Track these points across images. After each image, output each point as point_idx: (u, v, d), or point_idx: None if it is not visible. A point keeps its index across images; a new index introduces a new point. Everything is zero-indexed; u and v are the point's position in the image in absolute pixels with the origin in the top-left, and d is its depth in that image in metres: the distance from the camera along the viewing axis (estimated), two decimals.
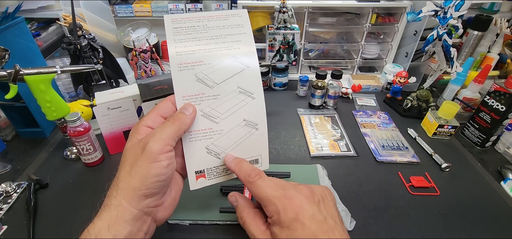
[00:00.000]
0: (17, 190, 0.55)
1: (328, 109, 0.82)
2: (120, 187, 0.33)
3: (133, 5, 1.07)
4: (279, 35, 0.85)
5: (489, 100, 0.66)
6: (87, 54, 0.69)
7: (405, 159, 0.64)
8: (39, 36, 0.86)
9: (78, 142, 0.56)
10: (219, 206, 0.49)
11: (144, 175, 0.33)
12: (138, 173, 0.33)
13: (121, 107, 0.60)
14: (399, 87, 0.82)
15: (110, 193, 0.34)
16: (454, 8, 0.66)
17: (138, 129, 0.36)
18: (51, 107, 0.56)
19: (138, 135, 0.36)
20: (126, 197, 0.33)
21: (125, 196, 0.33)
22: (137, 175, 0.33)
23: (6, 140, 0.69)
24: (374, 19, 0.89)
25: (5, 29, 0.60)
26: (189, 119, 0.37)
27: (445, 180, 0.59)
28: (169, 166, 0.35)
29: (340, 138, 0.70)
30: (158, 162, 0.33)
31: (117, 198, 0.33)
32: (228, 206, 0.49)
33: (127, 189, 0.33)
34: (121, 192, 0.33)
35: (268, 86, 0.92)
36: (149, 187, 0.33)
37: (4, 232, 0.48)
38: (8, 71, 0.51)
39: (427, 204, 0.54)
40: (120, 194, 0.33)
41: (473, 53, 0.93)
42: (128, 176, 0.33)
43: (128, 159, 0.34)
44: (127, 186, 0.33)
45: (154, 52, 0.84)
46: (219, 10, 1.08)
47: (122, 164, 0.35)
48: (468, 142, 0.71)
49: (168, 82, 0.65)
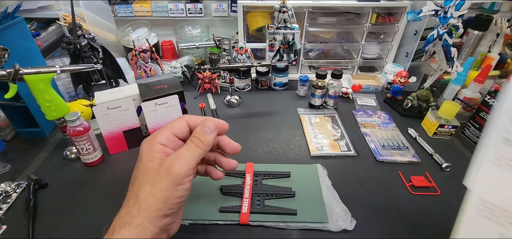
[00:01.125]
0: (17, 190, 0.55)
1: (328, 109, 0.82)
2: (142, 207, 0.34)
3: (133, 5, 1.07)
4: (279, 35, 0.85)
5: (489, 100, 0.65)
6: (87, 54, 0.69)
7: (406, 158, 0.63)
8: (38, 36, 0.86)
9: (77, 142, 0.56)
10: (219, 206, 0.49)
11: (167, 197, 0.34)
12: (162, 195, 0.34)
13: (121, 107, 0.60)
14: (400, 87, 0.82)
15: (130, 211, 0.34)
16: (455, 7, 0.65)
17: (153, 147, 0.37)
18: (50, 107, 0.56)
19: (156, 153, 0.36)
20: (148, 216, 0.33)
21: (147, 216, 0.33)
22: (161, 197, 0.34)
23: (5, 140, 0.69)
24: (374, 19, 0.89)
25: (4, 29, 0.60)
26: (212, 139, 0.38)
27: (446, 180, 0.59)
28: (190, 187, 0.36)
29: (340, 137, 0.70)
30: (182, 185, 0.35)
31: (139, 217, 0.33)
32: (228, 206, 0.49)
33: (150, 210, 0.34)
34: (143, 212, 0.33)
35: (268, 86, 0.92)
36: (171, 208, 0.35)
37: (4, 232, 0.48)
38: (7, 71, 0.51)
39: (427, 204, 0.54)
40: (141, 213, 0.33)
41: (473, 53, 0.93)
42: (150, 196, 0.34)
43: (150, 179, 0.35)
44: (150, 206, 0.34)
45: (154, 52, 0.84)
46: (219, 9, 1.08)
47: (141, 182, 0.35)
48: (469, 142, 0.71)
49: (168, 82, 0.65)
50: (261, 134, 0.71)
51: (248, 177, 0.54)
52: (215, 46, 0.95)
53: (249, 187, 0.52)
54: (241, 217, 0.48)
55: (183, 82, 0.95)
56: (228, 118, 0.77)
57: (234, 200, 0.51)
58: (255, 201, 0.50)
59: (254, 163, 0.59)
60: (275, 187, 0.54)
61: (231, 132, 0.70)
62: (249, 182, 0.53)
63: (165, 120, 0.63)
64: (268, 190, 0.53)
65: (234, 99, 0.83)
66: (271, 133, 0.71)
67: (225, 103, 0.83)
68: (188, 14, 1.09)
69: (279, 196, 0.52)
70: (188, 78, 0.95)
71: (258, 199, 0.51)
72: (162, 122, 0.63)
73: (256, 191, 0.52)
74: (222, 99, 0.84)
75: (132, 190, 0.36)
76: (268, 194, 0.52)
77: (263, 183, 0.54)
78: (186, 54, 1.05)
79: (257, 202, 0.50)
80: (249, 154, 0.65)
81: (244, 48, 0.84)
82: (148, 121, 0.61)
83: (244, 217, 0.48)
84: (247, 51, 0.85)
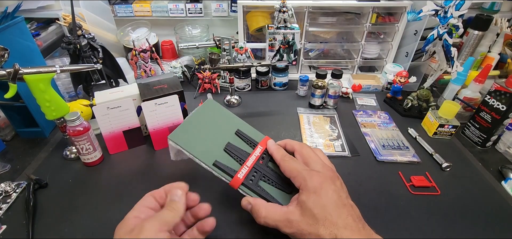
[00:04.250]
0: (17, 190, 0.55)
1: (328, 109, 0.82)
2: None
3: (133, 5, 1.07)
4: (279, 34, 0.85)
5: (489, 100, 0.65)
6: (87, 53, 0.69)
7: (406, 158, 0.63)
8: (38, 35, 0.86)
9: (77, 141, 0.56)
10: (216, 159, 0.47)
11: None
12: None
13: (121, 107, 0.60)
14: (400, 86, 0.82)
15: None
16: (455, 7, 0.65)
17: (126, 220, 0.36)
18: (50, 107, 0.56)
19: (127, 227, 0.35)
20: None
21: None
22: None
23: (5, 140, 0.69)
24: (374, 18, 0.89)
25: (4, 29, 0.60)
26: (182, 204, 0.38)
27: (446, 179, 0.59)
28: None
29: (336, 138, 0.70)
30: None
31: None
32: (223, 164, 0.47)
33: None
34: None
35: (268, 86, 0.92)
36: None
37: (4, 232, 0.48)
38: (7, 71, 0.51)
39: (427, 204, 0.54)
40: None
41: (473, 53, 0.93)
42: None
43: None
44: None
45: (154, 52, 0.84)
46: (219, 9, 1.08)
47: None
48: (469, 142, 0.71)
49: (168, 81, 0.65)
50: None
51: (258, 150, 0.51)
52: (215, 46, 0.95)
53: (254, 158, 0.49)
54: (234, 180, 0.46)
55: (183, 82, 0.95)
56: None
57: (232, 162, 0.48)
58: (250, 174, 0.47)
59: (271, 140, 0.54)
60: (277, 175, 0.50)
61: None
62: (257, 154, 0.50)
63: (165, 120, 0.63)
64: (267, 172, 0.49)
65: (234, 99, 0.83)
66: (271, 133, 0.71)
67: (225, 103, 0.83)
68: (188, 14, 1.09)
69: (274, 184, 0.48)
70: (188, 78, 0.95)
71: (253, 175, 0.48)
72: (162, 122, 0.63)
73: (257, 167, 0.49)
74: (222, 99, 0.84)
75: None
76: (266, 176, 0.48)
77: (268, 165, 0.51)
78: (186, 54, 1.05)
79: (252, 177, 0.47)
80: None
81: (244, 48, 0.84)
82: (148, 121, 0.61)
83: (236, 181, 0.45)
84: (247, 51, 0.85)
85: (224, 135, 0.52)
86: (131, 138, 0.64)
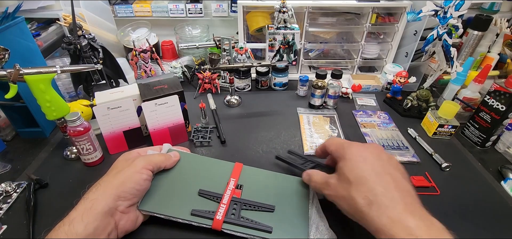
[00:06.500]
0: (17, 190, 0.55)
1: (328, 109, 0.82)
2: (101, 184, 0.41)
3: (133, 5, 1.07)
4: (279, 35, 0.85)
5: (489, 100, 0.66)
6: (87, 54, 0.69)
7: (405, 158, 0.63)
8: (39, 36, 0.86)
9: (78, 142, 0.56)
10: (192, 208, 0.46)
11: (125, 180, 0.41)
12: (121, 176, 0.42)
13: (121, 107, 0.60)
14: (399, 87, 0.82)
15: (89, 190, 0.40)
16: (454, 7, 0.65)
17: (130, 153, 0.48)
18: (51, 107, 0.56)
19: (129, 155, 0.47)
20: (103, 192, 0.39)
21: (103, 192, 0.39)
22: (120, 178, 0.42)
23: (6, 140, 0.69)
24: (374, 19, 0.89)
25: (5, 29, 0.60)
26: (172, 161, 0.50)
27: (445, 179, 0.59)
28: (146, 181, 0.44)
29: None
30: (139, 174, 0.43)
31: (96, 193, 0.39)
32: (201, 210, 0.46)
33: (107, 186, 0.40)
34: (100, 188, 0.40)
35: (268, 86, 0.92)
36: (125, 190, 0.41)
37: (4, 232, 0.48)
38: (8, 71, 0.51)
39: (427, 204, 0.53)
40: (99, 190, 0.40)
41: (473, 53, 0.93)
42: (111, 177, 0.42)
43: (116, 167, 0.45)
44: (108, 183, 0.41)
45: (154, 52, 0.84)
46: (219, 9, 1.08)
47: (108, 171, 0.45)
48: (468, 142, 0.71)
49: (168, 82, 0.65)
50: (261, 134, 0.71)
51: (232, 182, 0.50)
52: (215, 46, 0.95)
53: (230, 192, 0.49)
54: (214, 222, 0.45)
55: (183, 82, 0.95)
56: (228, 118, 0.77)
57: (210, 204, 0.47)
58: (231, 209, 0.46)
59: (243, 165, 0.54)
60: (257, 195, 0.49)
61: (231, 132, 0.71)
62: (231, 187, 0.49)
63: (165, 120, 0.63)
64: (246, 200, 0.48)
65: (234, 99, 0.83)
66: (271, 133, 0.71)
67: (225, 103, 0.83)
68: (188, 14, 1.09)
69: (257, 208, 0.47)
70: (188, 78, 0.95)
71: (234, 208, 0.47)
72: (162, 122, 0.63)
73: (235, 200, 0.48)
74: (222, 99, 0.84)
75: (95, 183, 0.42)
76: (247, 204, 0.47)
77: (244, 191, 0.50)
78: (186, 54, 1.05)
79: (233, 211, 0.46)
80: (249, 154, 0.65)
81: (244, 48, 0.84)
82: (148, 121, 0.62)
83: (217, 223, 0.44)
84: (247, 51, 0.85)
85: (195, 180, 0.50)
86: (131, 138, 0.65)
